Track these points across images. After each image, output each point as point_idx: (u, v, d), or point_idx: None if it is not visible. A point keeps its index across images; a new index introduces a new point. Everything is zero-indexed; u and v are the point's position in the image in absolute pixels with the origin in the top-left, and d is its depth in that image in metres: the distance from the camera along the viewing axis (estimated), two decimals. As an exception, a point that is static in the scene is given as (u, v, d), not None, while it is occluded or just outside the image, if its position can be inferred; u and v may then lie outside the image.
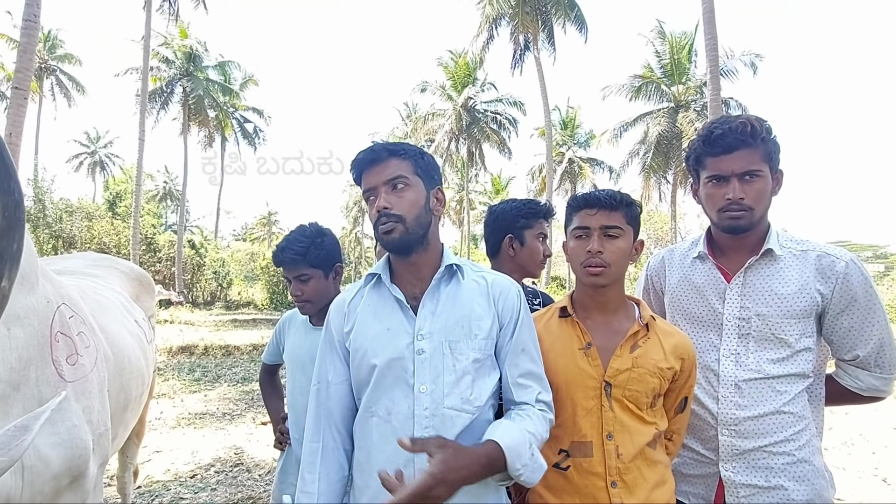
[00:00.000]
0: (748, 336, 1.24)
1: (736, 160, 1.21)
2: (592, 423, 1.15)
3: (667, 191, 22.82)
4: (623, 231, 1.18)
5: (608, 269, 1.17)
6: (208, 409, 5.43)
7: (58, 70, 28.75)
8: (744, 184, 1.21)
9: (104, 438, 1.28)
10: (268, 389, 1.89)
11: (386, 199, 1.07)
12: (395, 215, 1.06)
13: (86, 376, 1.23)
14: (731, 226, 1.24)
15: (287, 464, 1.66)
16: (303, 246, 1.56)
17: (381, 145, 1.11)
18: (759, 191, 1.21)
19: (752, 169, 1.20)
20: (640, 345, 1.17)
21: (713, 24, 9.88)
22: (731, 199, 1.21)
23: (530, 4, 18.98)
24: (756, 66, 19.20)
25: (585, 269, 1.19)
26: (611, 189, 1.21)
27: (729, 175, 1.22)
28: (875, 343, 1.21)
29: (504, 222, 1.61)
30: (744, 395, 1.21)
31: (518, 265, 1.60)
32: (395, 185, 1.08)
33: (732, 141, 1.20)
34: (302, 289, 1.57)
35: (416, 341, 1.04)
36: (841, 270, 1.20)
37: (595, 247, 1.17)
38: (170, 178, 44.22)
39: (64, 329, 1.22)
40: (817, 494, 1.18)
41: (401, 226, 1.06)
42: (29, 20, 8.28)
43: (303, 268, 1.56)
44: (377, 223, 1.08)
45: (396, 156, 1.10)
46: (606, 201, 1.18)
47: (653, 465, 1.15)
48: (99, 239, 19.29)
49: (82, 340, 1.27)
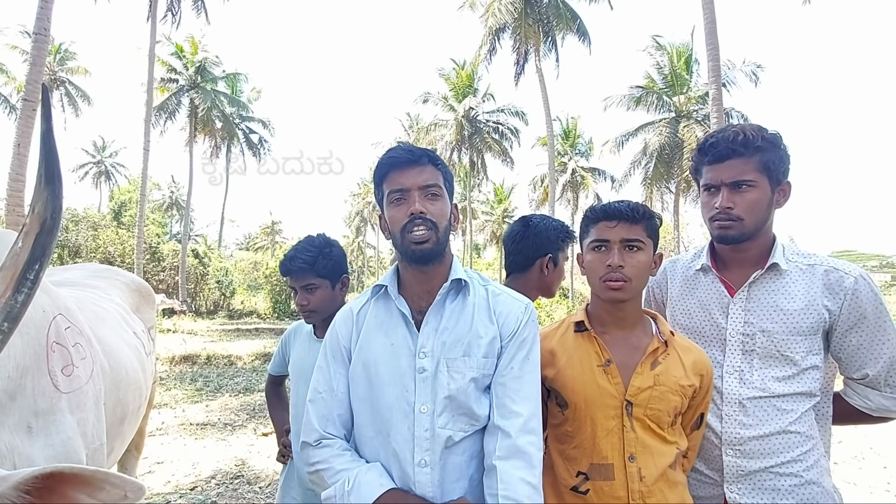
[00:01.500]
0: (752, 353, 1.20)
1: (726, 169, 1.19)
2: (613, 444, 1.10)
3: (669, 200, 22.82)
4: (644, 244, 1.14)
5: (629, 284, 1.12)
6: (210, 419, 5.40)
7: (66, 82, 29.16)
8: (734, 194, 1.19)
9: (99, 453, 1.27)
10: (273, 401, 1.89)
11: (422, 203, 1.02)
12: (431, 221, 1.02)
13: (81, 388, 1.22)
14: (721, 235, 1.23)
15: (289, 478, 1.64)
16: (311, 256, 1.57)
17: (420, 149, 1.08)
18: (752, 201, 1.18)
19: (743, 179, 1.18)
20: (660, 361, 1.13)
21: (714, 34, 9.95)
22: (720, 207, 1.19)
23: (532, 16, 19.18)
24: (757, 76, 19.33)
25: (605, 284, 1.14)
26: (630, 200, 1.17)
27: (719, 184, 1.20)
28: (886, 362, 1.17)
29: (545, 241, 1.53)
30: (748, 414, 1.17)
31: (544, 285, 1.55)
32: (430, 193, 1.04)
33: (723, 150, 1.19)
34: (308, 298, 1.57)
35: (418, 359, 1.01)
36: (850, 286, 1.16)
37: (616, 261, 1.12)
38: (175, 188, 44.58)
39: (60, 339, 1.21)
40: None
41: (434, 235, 1.02)
42: (39, 33, 8.44)
43: (310, 277, 1.57)
44: (409, 226, 1.02)
45: (434, 164, 1.07)
46: (628, 213, 1.13)
47: (674, 487, 1.10)
48: (104, 248, 19.42)
49: (78, 352, 1.26)
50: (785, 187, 1.23)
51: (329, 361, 1.09)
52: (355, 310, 1.12)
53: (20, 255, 0.75)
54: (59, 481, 0.75)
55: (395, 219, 1.04)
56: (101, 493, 0.76)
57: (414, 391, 1.01)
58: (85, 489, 0.76)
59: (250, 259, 32.40)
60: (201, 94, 23.79)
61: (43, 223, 0.76)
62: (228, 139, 27.17)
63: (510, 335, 1.04)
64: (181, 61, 23.95)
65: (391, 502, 0.94)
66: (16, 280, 0.74)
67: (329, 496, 0.98)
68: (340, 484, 0.97)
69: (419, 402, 1.00)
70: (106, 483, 0.76)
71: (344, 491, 0.96)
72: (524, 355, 1.03)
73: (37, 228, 0.76)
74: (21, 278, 0.74)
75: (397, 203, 1.05)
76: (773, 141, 1.19)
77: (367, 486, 0.96)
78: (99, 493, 0.76)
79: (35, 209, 0.77)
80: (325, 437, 1.04)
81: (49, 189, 0.77)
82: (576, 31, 19.24)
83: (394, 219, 1.05)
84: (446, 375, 1.00)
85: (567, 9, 19.08)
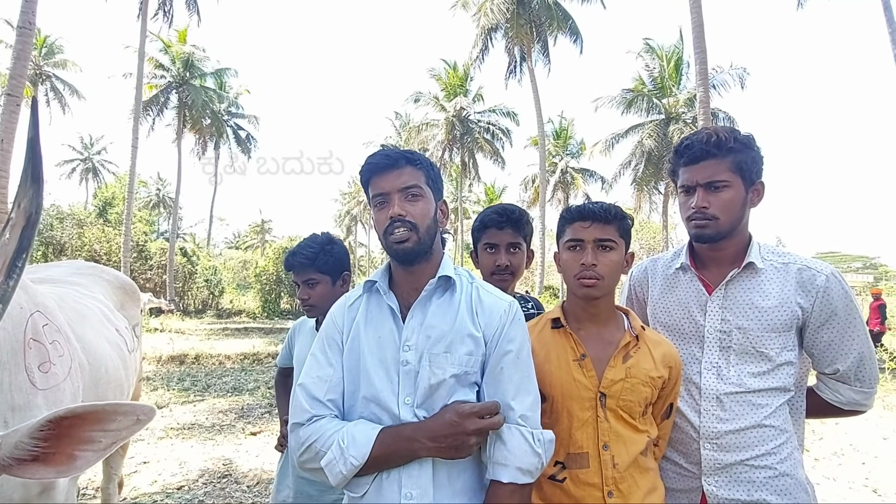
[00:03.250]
0: (729, 349, 1.24)
1: (700, 170, 1.23)
2: (588, 434, 1.16)
3: (658, 201, 23.04)
4: (616, 244, 1.19)
5: (601, 282, 1.18)
6: (197, 419, 5.35)
7: (52, 76, 28.63)
8: (709, 194, 1.22)
9: (77, 449, 1.26)
10: (280, 391, 1.96)
11: (401, 206, 1.05)
12: (410, 223, 1.05)
13: (58, 385, 1.22)
14: (697, 234, 1.26)
15: (286, 465, 1.70)
16: (313, 252, 1.64)
17: (398, 151, 1.10)
18: (726, 201, 1.22)
19: (717, 179, 1.21)
20: (631, 355, 1.19)
21: (702, 37, 10.08)
22: (695, 207, 1.23)
23: (525, 16, 19.26)
24: (744, 79, 19.58)
25: (579, 282, 1.20)
26: (604, 202, 1.23)
27: (694, 185, 1.24)
28: (855, 357, 1.21)
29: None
30: (725, 409, 1.21)
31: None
32: (410, 194, 1.07)
33: (698, 151, 1.23)
34: (309, 293, 1.64)
35: (402, 352, 1.04)
36: (821, 284, 1.20)
37: (589, 259, 1.18)
38: (162, 186, 44.04)
39: (37, 336, 1.21)
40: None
41: (414, 235, 1.05)
42: (24, 27, 8.29)
43: (311, 272, 1.64)
44: (389, 229, 1.06)
45: (413, 164, 1.09)
46: (601, 214, 1.19)
47: (645, 473, 1.16)
48: (90, 246, 19.11)
49: (56, 349, 1.26)
50: (759, 187, 1.26)
51: (324, 349, 1.11)
52: (348, 303, 1.16)
53: (9, 245, 0.81)
54: (71, 425, 0.81)
55: (379, 221, 1.09)
56: (114, 423, 0.82)
57: (398, 383, 1.03)
58: (97, 426, 0.82)
59: (240, 258, 32.13)
60: (190, 89, 23.53)
61: (28, 217, 0.83)
62: (217, 136, 26.91)
63: (494, 334, 1.05)
64: (168, 56, 23.63)
65: (388, 439, 0.97)
66: (6, 267, 0.81)
67: (329, 461, 0.97)
68: (336, 445, 0.97)
69: (402, 393, 1.02)
70: (116, 414, 0.82)
71: (341, 449, 0.96)
72: (514, 355, 1.04)
73: (23, 222, 0.82)
74: (11, 265, 0.81)
75: (380, 207, 1.09)
76: (745, 142, 1.23)
77: (362, 434, 0.98)
78: (111, 425, 0.82)
79: (21, 204, 0.83)
80: (315, 416, 1.04)
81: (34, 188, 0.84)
82: (568, 32, 19.35)
83: (378, 222, 1.10)
84: (428, 370, 1.02)
85: (559, 9, 19.19)
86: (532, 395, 1.04)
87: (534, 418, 1.03)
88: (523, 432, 0.99)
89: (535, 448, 0.99)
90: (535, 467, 0.99)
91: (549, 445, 1.02)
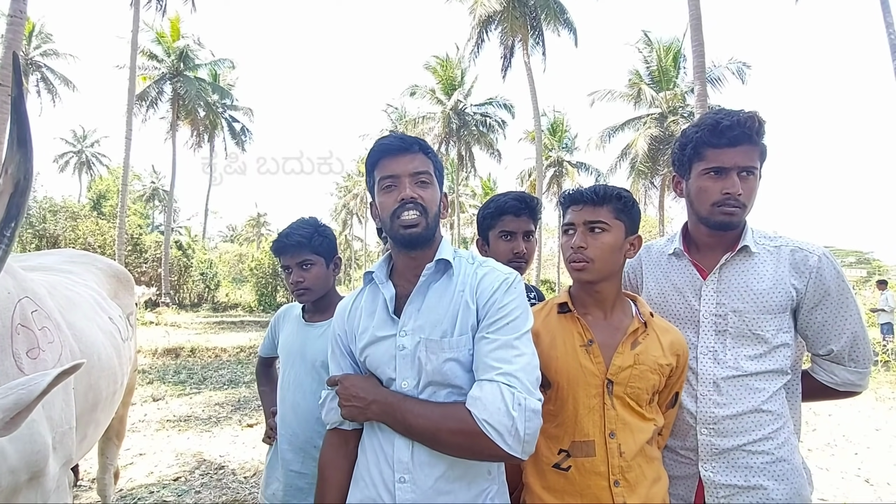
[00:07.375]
0: (725, 333, 1.23)
1: (739, 154, 1.19)
2: (594, 421, 1.13)
3: (654, 195, 23.07)
4: (609, 226, 1.16)
5: (591, 265, 1.16)
6: (193, 412, 5.34)
7: (44, 66, 28.19)
8: (742, 180, 1.19)
9: (67, 437, 1.24)
10: (262, 381, 1.92)
11: (412, 189, 1.05)
12: (421, 206, 1.04)
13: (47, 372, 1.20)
14: (724, 221, 1.22)
15: (274, 458, 1.66)
16: (307, 232, 1.60)
17: (412, 137, 1.10)
18: (753, 189, 1.21)
19: (752, 165, 1.19)
20: (640, 342, 1.16)
21: (700, 30, 10.03)
22: (731, 193, 1.19)
23: (520, 7, 19.10)
24: (744, 73, 19.51)
25: (570, 265, 1.19)
26: (599, 184, 1.20)
27: (731, 168, 1.19)
28: (848, 337, 1.21)
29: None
30: (722, 394, 1.21)
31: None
32: (420, 180, 1.06)
33: (739, 134, 1.18)
34: (304, 276, 1.59)
35: (399, 337, 1.04)
36: (814, 264, 1.20)
37: (577, 242, 1.17)
38: (157, 178, 43.67)
39: (25, 322, 1.19)
40: (796, 493, 1.17)
41: (424, 220, 1.05)
42: (14, 16, 8.13)
43: (306, 253, 1.59)
44: (399, 211, 1.04)
45: (425, 152, 1.09)
46: (590, 197, 1.17)
47: (650, 462, 1.14)
48: (84, 239, 18.97)
49: (45, 335, 1.24)
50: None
51: (336, 360, 1.15)
52: (349, 304, 1.17)
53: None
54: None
55: (386, 205, 1.06)
56: None
57: (395, 368, 1.03)
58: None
59: (235, 251, 31.99)
60: (184, 81, 23.24)
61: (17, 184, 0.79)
62: (211, 128, 26.65)
63: (485, 304, 1.01)
64: (162, 47, 23.30)
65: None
66: None
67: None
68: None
69: (400, 377, 1.03)
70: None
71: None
72: (505, 322, 0.98)
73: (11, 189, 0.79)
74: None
75: (388, 190, 1.06)
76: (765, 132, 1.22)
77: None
78: None
79: (8, 171, 0.79)
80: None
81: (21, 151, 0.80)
82: (563, 23, 19.21)
83: (384, 205, 1.07)
84: (425, 355, 1.01)
85: (554, 0, 19.02)
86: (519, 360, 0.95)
87: (524, 382, 0.93)
88: (503, 388, 0.91)
89: (510, 409, 0.90)
90: (507, 430, 0.89)
91: (531, 415, 0.91)
